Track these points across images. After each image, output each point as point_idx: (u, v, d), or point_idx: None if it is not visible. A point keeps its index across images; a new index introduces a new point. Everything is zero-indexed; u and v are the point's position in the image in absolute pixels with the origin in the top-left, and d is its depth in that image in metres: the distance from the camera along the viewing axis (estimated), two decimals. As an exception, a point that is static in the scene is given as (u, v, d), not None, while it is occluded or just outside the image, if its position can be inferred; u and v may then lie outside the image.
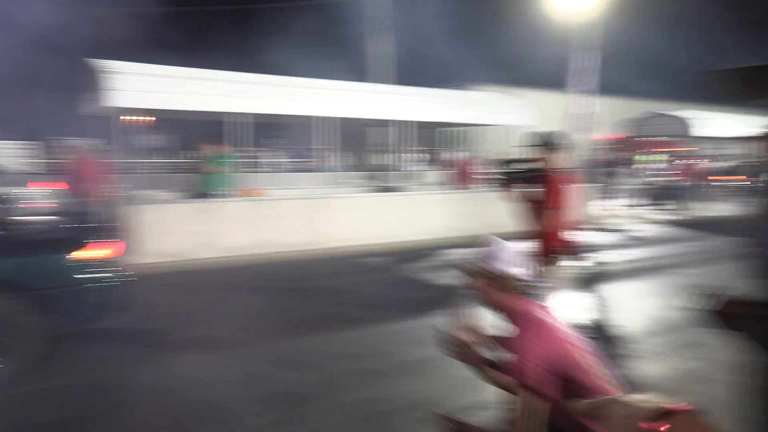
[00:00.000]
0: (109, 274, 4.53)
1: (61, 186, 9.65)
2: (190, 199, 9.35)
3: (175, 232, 8.65)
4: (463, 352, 2.26)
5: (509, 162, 4.73)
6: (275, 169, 17.99)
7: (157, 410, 3.82)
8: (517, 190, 4.71)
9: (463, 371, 2.41)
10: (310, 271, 8.30)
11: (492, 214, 11.34)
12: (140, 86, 8.34)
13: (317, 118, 10.53)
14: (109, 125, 10.20)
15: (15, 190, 12.12)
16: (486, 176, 12.71)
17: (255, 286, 7.31)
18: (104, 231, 4.91)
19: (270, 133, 21.81)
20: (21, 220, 4.83)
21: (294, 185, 12.76)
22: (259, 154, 20.37)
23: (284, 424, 3.64)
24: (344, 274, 8.08)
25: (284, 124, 18.90)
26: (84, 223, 4.72)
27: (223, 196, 9.26)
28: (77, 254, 4.35)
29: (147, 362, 4.65)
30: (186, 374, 4.40)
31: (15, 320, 4.10)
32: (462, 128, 16.15)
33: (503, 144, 11.50)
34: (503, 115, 12.37)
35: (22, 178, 13.23)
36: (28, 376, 4.29)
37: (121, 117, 8.24)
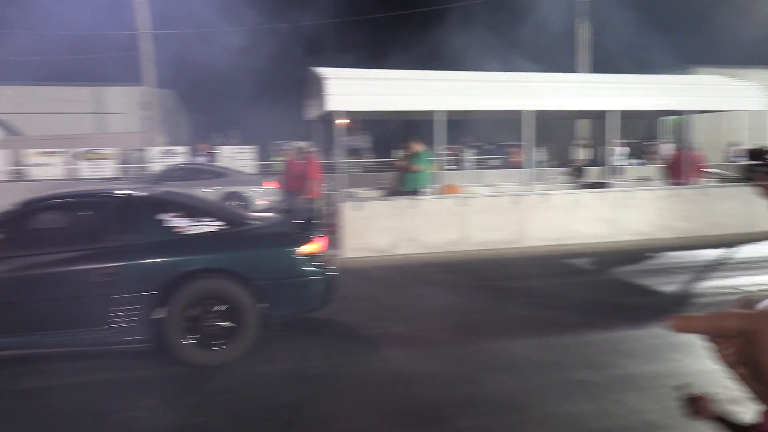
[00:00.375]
0: (322, 268, 4.79)
1: (279, 185, 10.64)
2: (392, 197, 9.66)
3: (376, 228, 9.01)
4: (699, 405, 1.87)
5: (764, 152, 3.99)
6: (473, 166, 17.92)
7: (371, 402, 3.92)
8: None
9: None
10: (511, 270, 8.04)
11: (721, 213, 10.02)
12: (350, 90, 8.83)
13: (519, 112, 10.20)
14: (322, 128, 11.04)
15: (251, 189, 13.70)
16: (712, 170, 11.22)
17: (455, 283, 7.27)
18: (319, 227, 5.22)
19: (465, 129, 21.83)
20: (252, 216, 5.32)
21: (491, 182, 12.55)
22: (454, 151, 20.53)
23: (493, 430, 3.49)
24: (548, 274, 7.68)
25: (479, 121, 18.72)
26: (304, 220, 5.09)
27: (423, 193, 9.41)
28: (301, 248, 4.66)
29: (353, 354, 4.83)
30: (391, 368, 4.47)
31: (241, 307, 4.47)
32: (679, 116, 14.49)
33: (728, 132, 10.01)
34: (728, 99, 10.79)
35: (257, 178, 14.91)
36: (250, 358, 4.69)
37: (335, 119, 8.80)
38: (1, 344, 4.31)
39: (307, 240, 4.74)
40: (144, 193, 4.86)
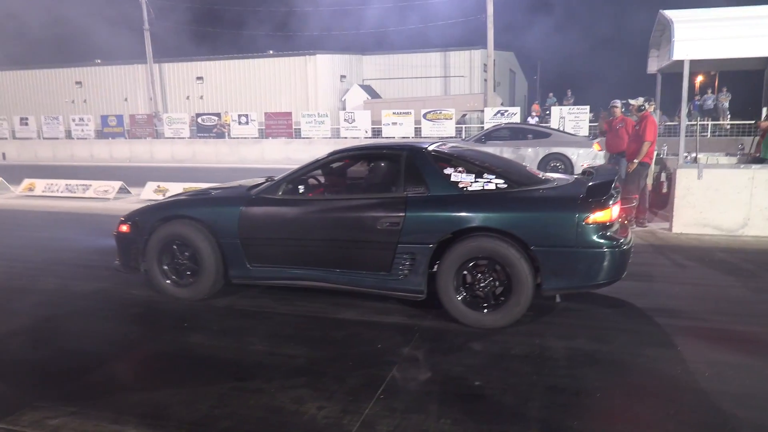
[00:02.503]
0: (612, 240, 4.18)
1: (600, 147, 9.69)
2: (751, 165, 7.88)
3: (722, 201, 7.48)
4: None
5: None
6: None
7: (669, 409, 3.20)
8: None
9: None
10: None
11: None
12: (702, 33, 7.37)
13: None
14: (669, 83, 9.63)
15: (576, 151, 13.05)
16: None
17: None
18: (617, 193, 4.52)
19: None
20: (544, 177, 4.86)
21: None
22: None
23: None
24: None
25: None
26: (603, 184, 4.42)
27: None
28: (588, 216, 4.11)
29: (664, 346, 4.03)
30: (709, 374, 3.58)
31: (514, 272, 4.21)
32: None
33: None
34: None
35: (584, 140, 14.12)
36: (540, 328, 4.36)
37: (684, 72, 7.51)
38: (295, 275, 4.82)
39: (597, 206, 4.15)
40: (431, 148, 4.82)
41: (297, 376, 3.67)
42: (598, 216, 4.14)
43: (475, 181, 4.50)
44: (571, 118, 20.63)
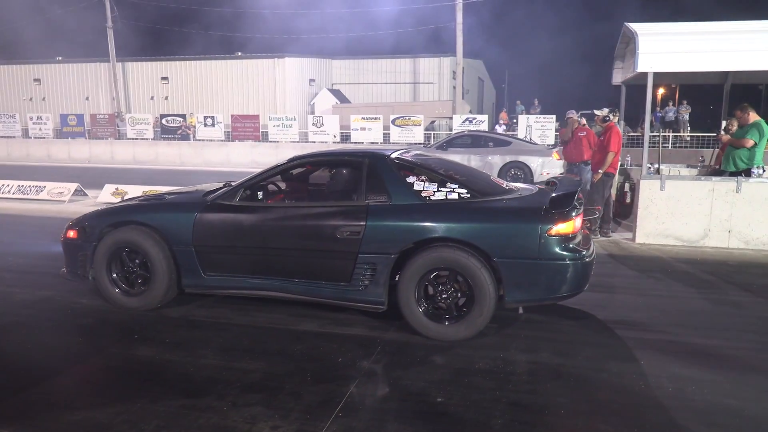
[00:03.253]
0: (575, 252, 4.12)
1: (559, 157, 9.76)
2: (709, 177, 8.00)
3: (683, 213, 7.56)
4: None
5: None
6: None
7: (642, 426, 3.14)
8: None
9: None
10: None
11: None
12: (665, 47, 7.45)
13: None
14: (632, 94, 9.76)
15: (536, 159, 13.16)
16: None
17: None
18: (580, 204, 4.48)
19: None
20: (508, 187, 4.80)
21: None
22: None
23: None
24: None
25: None
26: (565, 195, 4.39)
27: (753, 174, 7.55)
28: (551, 227, 4.05)
29: (630, 361, 3.99)
30: (679, 389, 3.54)
31: (476, 283, 4.12)
32: None
33: None
34: None
35: (544, 148, 14.25)
36: (502, 342, 4.28)
37: (647, 84, 7.57)
38: (252, 284, 4.66)
39: (560, 218, 4.09)
40: (394, 155, 4.70)
41: (252, 392, 3.50)
42: (561, 228, 4.07)
43: (438, 191, 4.40)
44: (538, 126, 20.85)
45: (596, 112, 8.52)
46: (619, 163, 8.97)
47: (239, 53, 34.01)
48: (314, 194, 5.27)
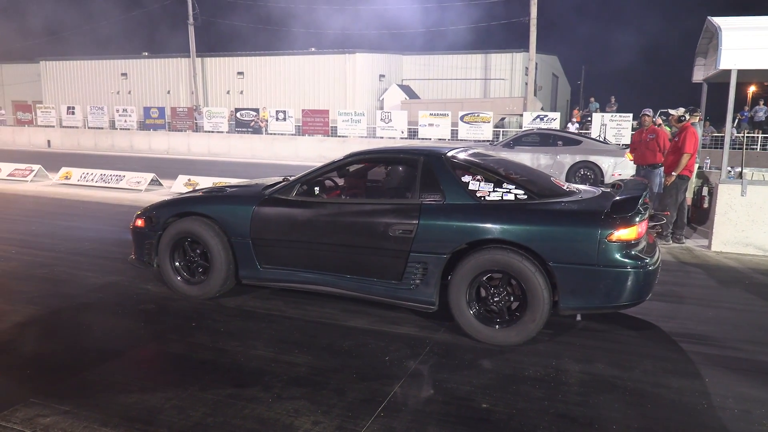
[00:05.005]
0: (637, 259, 3.94)
1: (631, 157, 9.32)
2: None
3: (764, 220, 7.05)
4: None
5: None
6: None
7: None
8: None
9: None
10: None
11: None
12: (751, 42, 6.95)
13: None
14: (715, 93, 9.20)
15: (607, 160, 12.66)
16: None
17: None
18: (645, 209, 4.26)
19: None
20: (568, 189, 4.61)
21: None
22: None
23: None
24: None
25: None
26: (629, 200, 4.16)
27: None
28: (611, 233, 3.88)
29: (692, 377, 3.75)
30: (734, 406, 3.30)
31: (529, 288, 4.01)
32: None
33: None
34: None
35: (616, 148, 13.67)
36: (555, 349, 4.14)
37: (731, 82, 7.11)
38: (305, 278, 4.73)
39: (622, 223, 3.91)
40: (450, 154, 4.64)
41: (297, 385, 3.54)
42: (622, 233, 3.89)
43: (494, 191, 4.31)
44: (613, 125, 20.03)
45: (671, 111, 8.07)
46: (696, 165, 8.47)
47: (312, 49, 34.62)
48: (369, 191, 5.32)
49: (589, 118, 22.32)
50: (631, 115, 20.20)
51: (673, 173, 7.75)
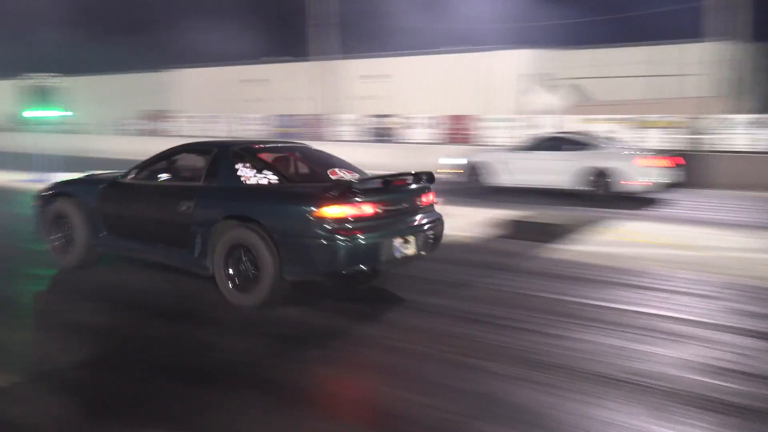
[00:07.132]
0: (341, 233, 4.66)
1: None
2: None
3: None
4: None
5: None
6: None
7: None
8: None
9: None
10: None
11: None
12: None
13: None
14: None
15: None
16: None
17: None
18: (368, 192, 5.01)
19: None
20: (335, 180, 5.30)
21: None
22: None
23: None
24: None
25: None
26: (360, 183, 5.10)
27: None
28: (318, 210, 4.65)
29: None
30: None
31: (260, 257, 4.81)
32: None
33: None
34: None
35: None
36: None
37: None
38: (133, 247, 5.86)
39: (330, 202, 4.67)
40: (241, 147, 5.58)
41: None
42: (329, 211, 4.63)
43: (254, 177, 5.15)
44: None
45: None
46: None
47: (468, 46, 30.98)
48: (179, 176, 5.91)
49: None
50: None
51: None
